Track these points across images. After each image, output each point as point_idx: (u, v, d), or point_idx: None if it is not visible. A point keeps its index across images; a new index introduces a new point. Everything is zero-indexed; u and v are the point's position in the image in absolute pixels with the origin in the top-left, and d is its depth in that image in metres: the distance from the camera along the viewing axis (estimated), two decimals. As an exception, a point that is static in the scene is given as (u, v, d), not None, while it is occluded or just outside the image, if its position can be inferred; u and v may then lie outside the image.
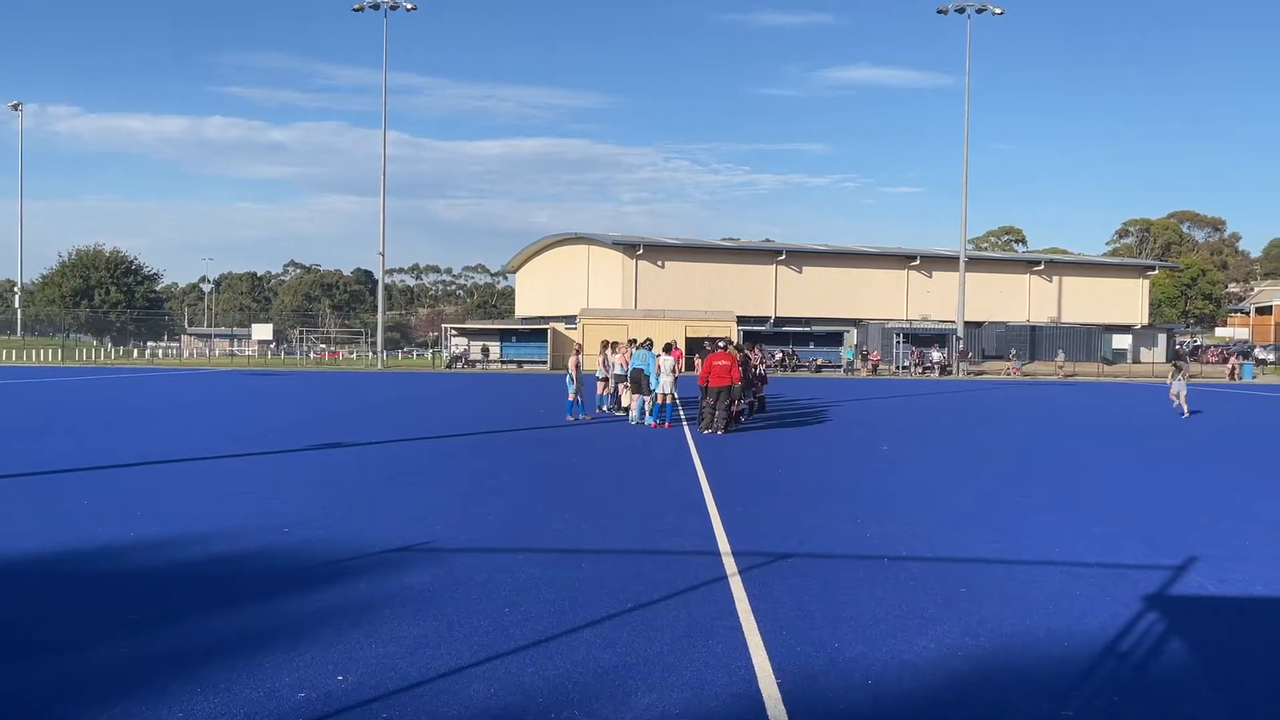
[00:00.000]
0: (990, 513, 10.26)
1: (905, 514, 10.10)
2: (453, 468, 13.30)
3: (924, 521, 9.69)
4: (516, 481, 12.11)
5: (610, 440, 17.18)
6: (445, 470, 13.04)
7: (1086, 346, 64.07)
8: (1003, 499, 11.23)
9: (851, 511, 10.17)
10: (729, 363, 18.57)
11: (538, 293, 75.87)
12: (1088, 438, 19.11)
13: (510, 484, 11.88)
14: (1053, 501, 11.13)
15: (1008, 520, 9.85)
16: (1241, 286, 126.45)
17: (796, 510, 10.22)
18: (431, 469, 13.16)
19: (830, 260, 67.34)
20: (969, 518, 9.94)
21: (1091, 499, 11.35)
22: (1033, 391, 38.74)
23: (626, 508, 10.25)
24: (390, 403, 27.00)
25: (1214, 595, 7.07)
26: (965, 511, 10.31)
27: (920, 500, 11.04)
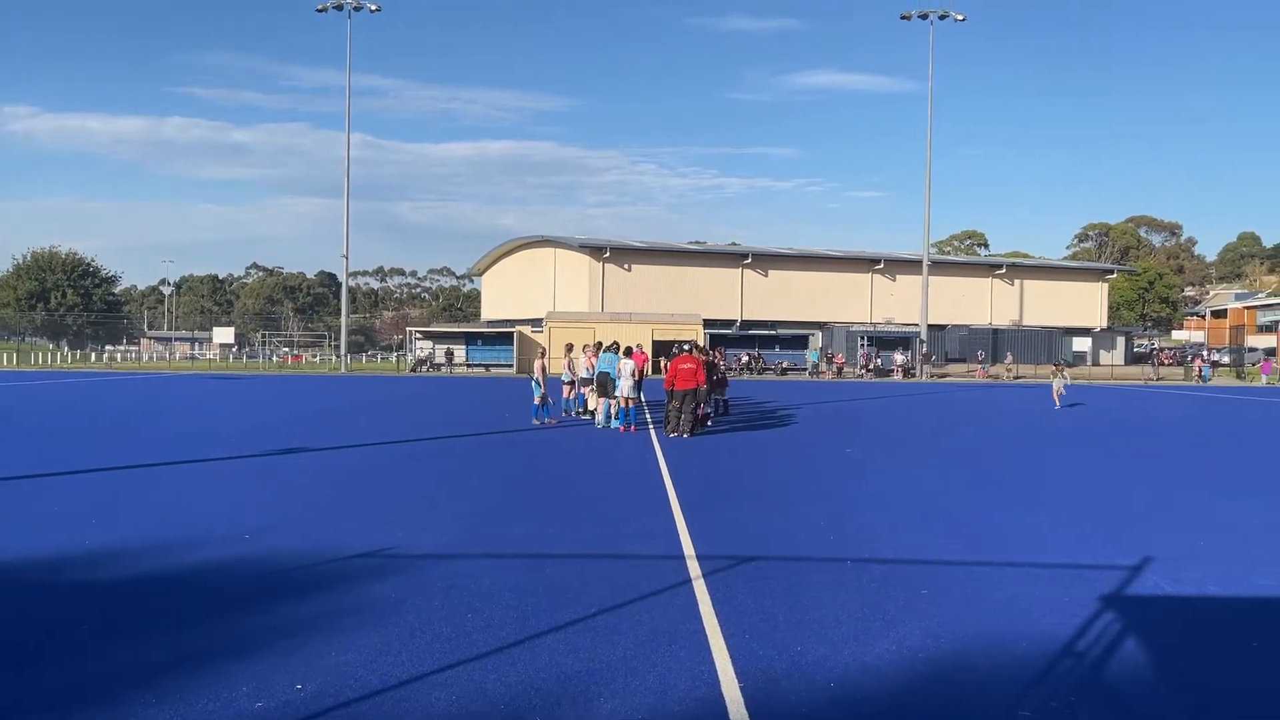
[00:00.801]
0: (952, 514, 10.35)
1: (868, 516, 10.17)
2: (416, 472, 13.20)
3: (887, 523, 9.76)
4: (480, 486, 12.04)
5: (576, 444, 17.14)
6: (408, 475, 12.94)
7: (1047, 349, 64.89)
8: (964, 500, 11.34)
9: (815, 514, 10.22)
10: (694, 366, 18.61)
11: (504, 296, 75.56)
12: (1046, 439, 19.35)
13: (474, 489, 11.81)
14: (1013, 502, 11.25)
15: (969, 521, 9.94)
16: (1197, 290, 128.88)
17: (761, 513, 10.25)
18: (394, 474, 13.05)
19: (796, 264, 67.69)
20: (931, 519, 10.02)
21: (1050, 500, 11.49)
22: (995, 394, 39.17)
23: (591, 512, 10.23)
24: (353, 407, 26.76)
25: (1169, 595, 7.18)
26: (927, 513, 10.39)
27: (883, 502, 11.12)
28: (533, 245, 71.54)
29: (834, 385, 46.01)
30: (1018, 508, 10.89)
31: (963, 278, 70.75)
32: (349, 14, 56.15)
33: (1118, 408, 30.68)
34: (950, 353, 63.67)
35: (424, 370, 56.28)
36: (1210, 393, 43.06)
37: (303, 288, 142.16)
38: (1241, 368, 64.93)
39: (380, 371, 59.82)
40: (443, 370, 56.49)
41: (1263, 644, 6.05)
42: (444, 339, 59.67)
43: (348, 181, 58.06)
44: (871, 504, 11.01)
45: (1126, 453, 17.03)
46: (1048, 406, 29.93)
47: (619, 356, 19.96)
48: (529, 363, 25.48)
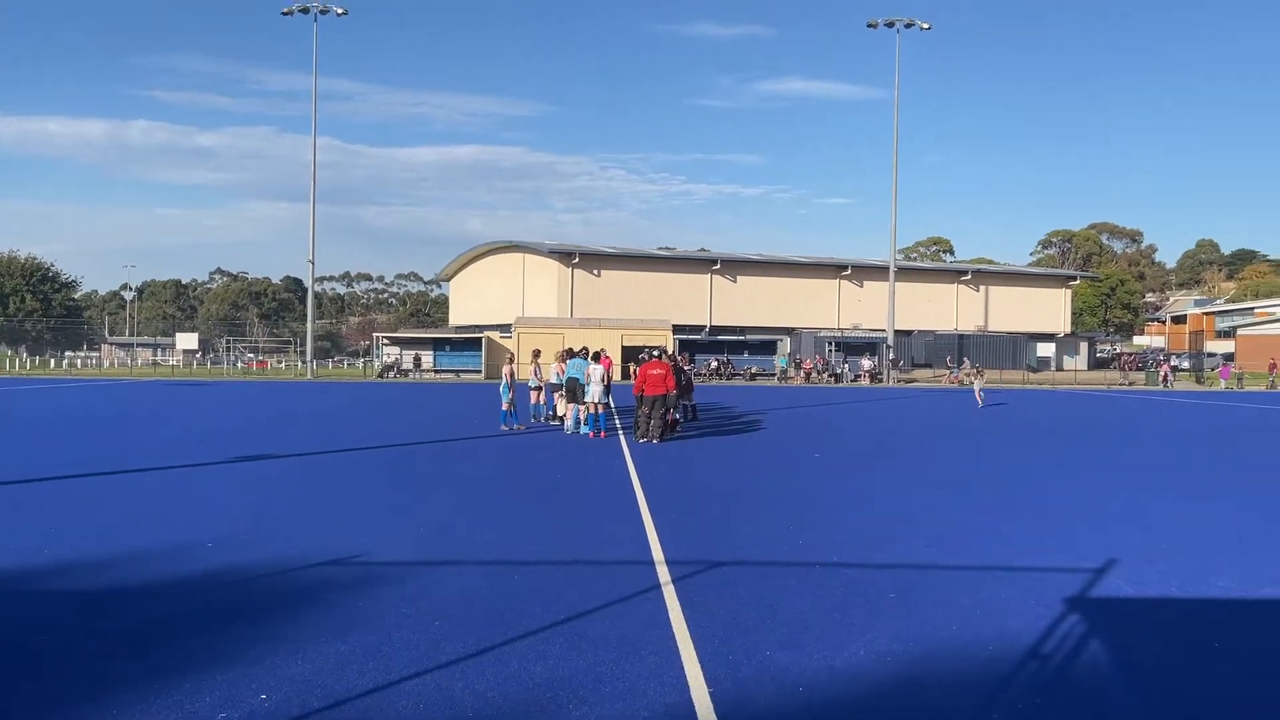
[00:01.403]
0: (919, 518, 10.42)
1: (837, 520, 10.21)
2: (383, 479, 13.09)
3: (855, 528, 9.81)
4: (448, 493, 11.97)
5: (545, 450, 17.09)
6: (375, 482, 12.84)
7: (1012, 354, 65.62)
8: (931, 504, 11.42)
9: (784, 519, 10.25)
10: (664, 371, 18.62)
11: (472, 301, 75.28)
12: (1011, 444, 19.56)
13: (442, 495, 11.74)
14: (978, 505, 11.35)
15: (935, 525, 10.01)
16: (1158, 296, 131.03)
17: (730, 518, 10.27)
18: (361, 481, 12.94)
19: (764, 270, 68.01)
20: (899, 523, 10.08)
21: (1015, 503, 11.61)
22: (962, 399, 39.55)
23: (560, 518, 10.19)
24: (319, 413, 26.52)
25: (1131, 597, 7.27)
26: (895, 517, 10.46)
27: (851, 506, 11.18)
28: (501, 250, 71.35)
29: (802, 390, 46.22)
30: (983, 511, 10.98)
31: (929, 284, 71.44)
32: (315, 17, 55.78)
33: (1084, 413, 31.07)
34: (917, 358, 64.23)
35: (391, 376, 55.89)
36: (1174, 397, 43.73)
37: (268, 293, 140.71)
38: (1201, 373, 66.02)
39: (347, 377, 59.37)
40: (410, 376, 56.14)
41: (1223, 644, 6.14)
42: (412, 344, 59.34)
43: (314, 186, 57.65)
44: (839, 508, 11.06)
45: (1090, 457, 17.23)
46: (1010, 412, 30.25)
47: (588, 362, 19.93)
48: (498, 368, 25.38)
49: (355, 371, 69.44)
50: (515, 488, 12.42)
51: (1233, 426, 25.55)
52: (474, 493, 11.97)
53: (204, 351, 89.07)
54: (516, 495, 11.78)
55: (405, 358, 57.69)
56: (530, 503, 11.21)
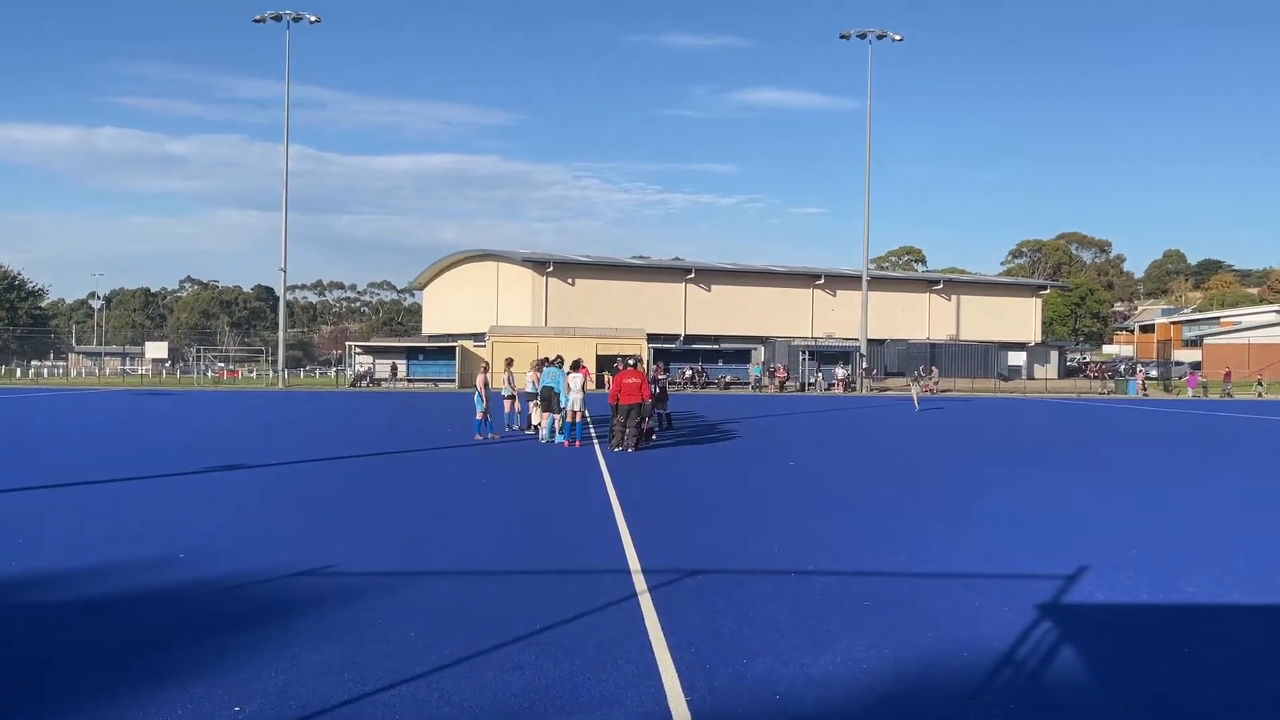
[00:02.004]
0: (893, 526, 10.50)
1: (812, 529, 10.27)
2: (356, 489, 13.02)
3: (830, 536, 9.86)
4: (423, 503, 11.92)
5: (519, 459, 17.06)
6: (348, 492, 12.77)
7: (984, 363, 66.24)
8: (905, 512, 11.50)
9: (760, 527, 10.29)
10: (639, 380, 18.65)
11: (446, 310, 75.01)
12: (983, 451, 19.73)
13: (416, 505, 11.69)
14: (951, 514, 11.44)
15: (910, 533, 10.09)
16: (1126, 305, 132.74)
17: (706, 526, 10.29)
18: (334, 491, 12.86)
19: (738, 279, 68.25)
20: (873, 532, 10.15)
21: (987, 511, 11.71)
22: (933, 408, 39.83)
23: (535, 527, 10.18)
24: (292, 422, 26.31)
25: (1102, 603, 7.36)
26: (870, 525, 10.53)
27: (826, 515, 11.24)
28: (475, 259, 71.19)
29: (776, 399, 46.40)
30: (956, 519, 11.07)
31: (901, 293, 71.96)
32: (288, 25, 55.49)
33: (1054, 421, 31.40)
34: (890, 367, 64.65)
35: (364, 385, 55.55)
36: (1145, 405, 44.27)
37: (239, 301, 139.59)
38: (1169, 381, 66.92)
39: (319, 387, 58.95)
40: (383, 385, 55.83)
41: (1193, 649, 6.23)
42: (385, 354, 59.00)
43: (285, 194, 57.31)
44: (814, 516, 11.12)
45: (1061, 465, 17.42)
46: (982, 419, 30.50)
47: (563, 371, 19.93)
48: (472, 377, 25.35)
49: (328, 381, 68.97)
50: (490, 497, 12.38)
51: (1201, 433, 25.91)
52: (449, 502, 11.93)
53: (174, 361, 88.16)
54: (492, 505, 11.75)
55: (378, 367, 57.36)
56: (506, 512, 11.19)
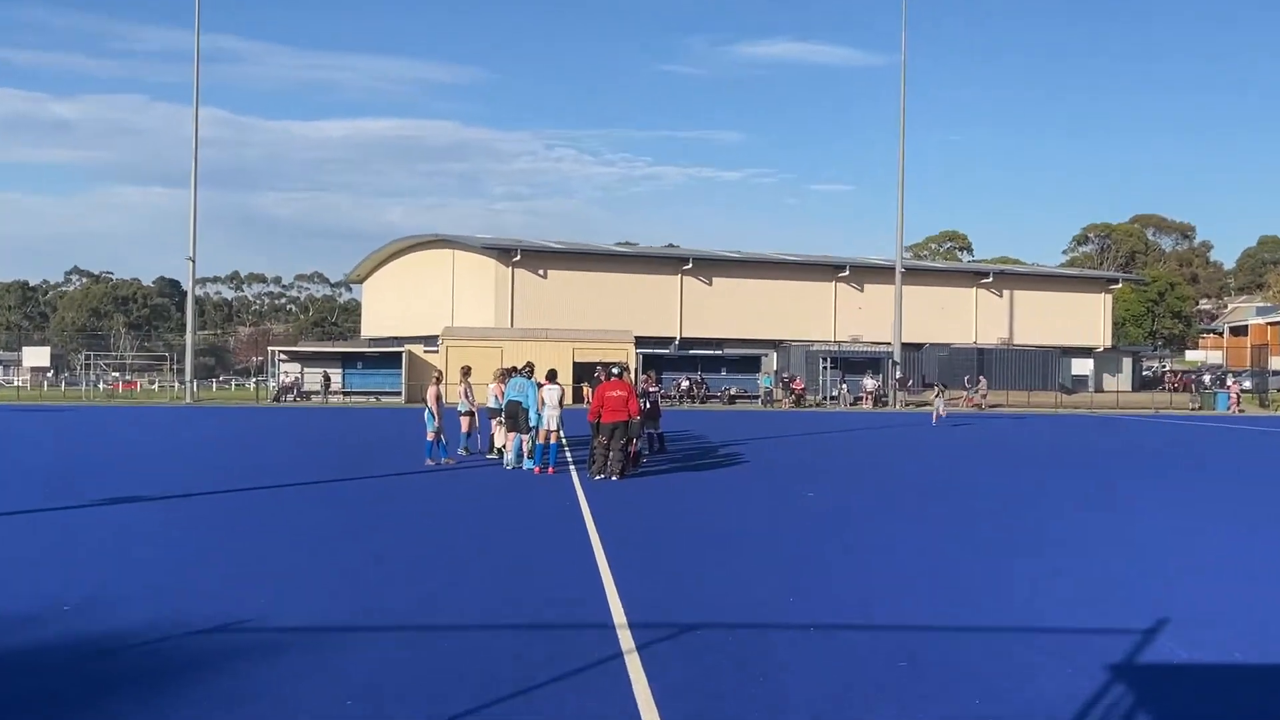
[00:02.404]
0: (933, 568, 10.52)
1: (835, 573, 10.28)
2: (281, 526, 12.99)
3: (857, 581, 9.88)
4: (362, 542, 11.89)
5: (480, 489, 17.04)
6: (272, 529, 12.73)
7: (1042, 372, 66.45)
8: (947, 552, 11.53)
9: (770, 571, 10.30)
10: (625, 393, 18.65)
11: (390, 308, 74.95)
12: (1040, 478, 19.80)
13: (354, 545, 11.67)
14: (1002, 554, 11.48)
15: (951, 576, 10.11)
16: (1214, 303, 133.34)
17: (705, 571, 10.30)
18: (254, 528, 12.82)
19: (745, 270, 68.41)
20: (909, 575, 10.17)
21: (1043, 551, 11.75)
22: (984, 426, 39.96)
23: (500, 572, 10.17)
24: (202, 445, 26.21)
25: (1186, 664, 7.39)
26: (904, 568, 10.55)
27: (852, 556, 11.26)
28: (426, 246, 71.17)
29: (792, 416, 46.48)
30: (1006, 561, 11.10)
31: (943, 287, 72.21)
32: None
33: (1126, 444, 31.53)
34: (928, 376, 64.88)
35: (290, 400, 55.42)
36: (1238, 424, 44.50)
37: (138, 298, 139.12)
38: (1266, 394, 67.04)
39: (236, 401, 58.75)
40: (314, 399, 55.72)
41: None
42: (315, 361, 58.87)
43: (195, 166, 57.13)
44: (837, 557, 11.14)
45: (1133, 497, 17.50)
46: (1042, 439, 30.60)
47: (533, 382, 19.90)
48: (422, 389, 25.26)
49: (246, 394, 68.77)
50: (445, 536, 12.37)
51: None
52: (395, 542, 11.90)
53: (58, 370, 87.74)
54: (447, 545, 11.73)
55: (308, 377, 57.24)
56: (463, 554, 11.17)
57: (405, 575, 10.00)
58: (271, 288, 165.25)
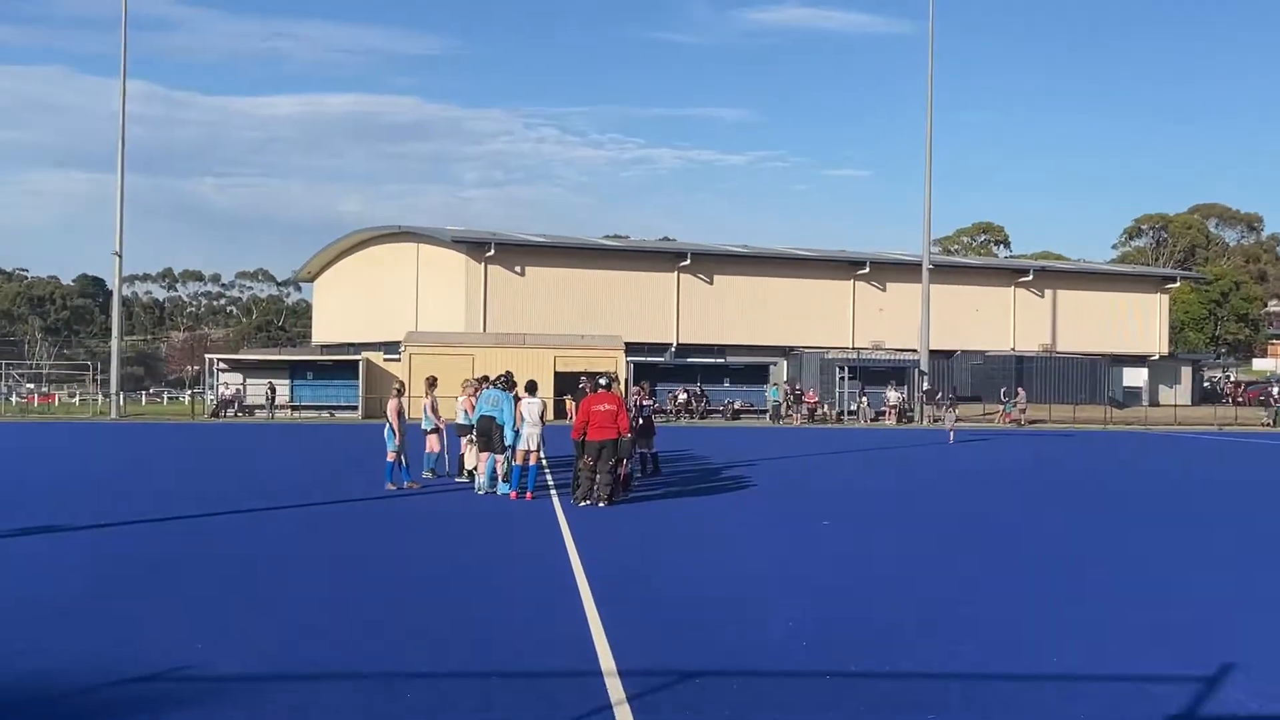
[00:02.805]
0: (964, 608, 10.53)
1: (852, 613, 10.27)
2: (220, 561, 12.95)
3: (878, 623, 9.87)
4: (313, 579, 11.87)
5: (448, 518, 17.03)
6: (209, 565, 12.69)
7: (1089, 384, 66.52)
8: (980, 589, 11.56)
9: (780, 611, 10.30)
10: (614, 407, 18.63)
11: (345, 310, 74.85)
12: (1081, 507, 19.84)
13: (306, 583, 11.64)
14: (1041, 591, 11.50)
15: (986, 617, 10.12)
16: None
17: (705, 611, 10.28)
18: (190, 563, 12.79)
19: (751, 267, 68.45)
20: (937, 616, 10.17)
21: (1088, 586, 11.79)
22: (1024, 444, 39.99)
23: (471, 613, 10.15)
24: (130, 467, 26.17)
25: (1257, 716, 7.41)
26: (932, 607, 10.55)
27: (873, 594, 11.26)
28: (387, 239, 71.12)
29: (804, 433, 46.48)
30: (1047, 598, 11.12)
31: (977, 286, 72.29)
32: (126, -87, 55.43)
33: (1185, 466, 31.58)
34: (960, 388, 64.96)
35: (231, 415, 55.32)
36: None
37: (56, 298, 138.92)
38: (1343, 409, 67.21)
39: (168, 417, 58.62)
40: (259, 415, 55.62)
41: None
42: (259, 370, 58.76)
43: (122, 148, 57.06)
44: (856, 595, 11.14)
45: (1195, 529, 17.55)
46: (1087, 463, 30.66)
47: (509, 394, 19.84)
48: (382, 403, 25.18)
49: (180, 409, 68.63)
50: (408, 572, 12.34)
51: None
52: (351, 579, 11.87)
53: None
54: (410, 582, 11.71)
55: (251, 389, 57.11)
56: (429, 592, 11.15)
57: (365, 616, 9.96)
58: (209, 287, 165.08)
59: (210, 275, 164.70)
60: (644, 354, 60.61)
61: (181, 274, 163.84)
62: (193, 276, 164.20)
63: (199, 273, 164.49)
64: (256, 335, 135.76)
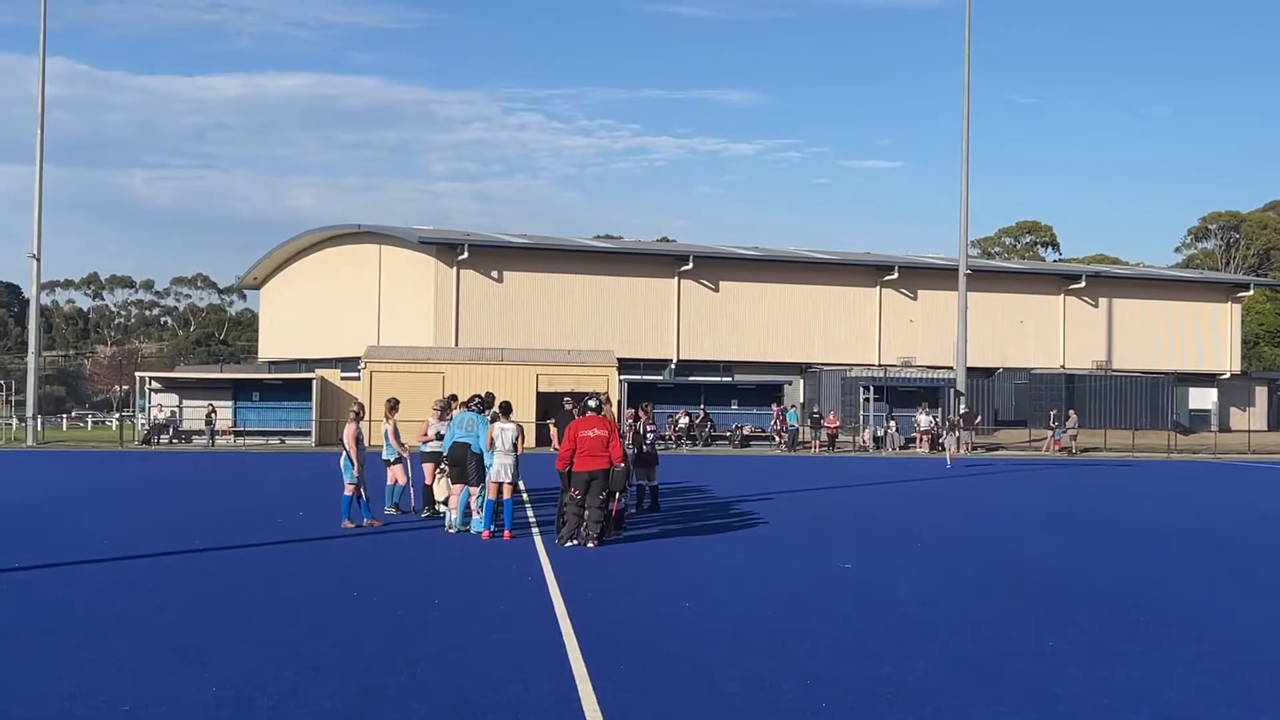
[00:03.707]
0: (1006, 664, 10.52)
1: (878, 669, 10.25)
2: (157, 609, 12.94)
3: (907, 680, 9.85)
4: (262, 630, 11.84)
5: (415, 560, 17.04)
6: (135, 615, 12.67)
7: (1150, 406, 66.47)
8: (1024, 642, 11.54)
9: (795, 666, 10.29)
10: (605, 432, 18.61)
11: (297, 321, 74.91)
12: (1143, 547, 19.85)
13: (252, 634, 11.61)
14: (1098, 644, 11.49)
15: (1031, 675, 10.09)
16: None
17: (709, 666, 10.27)
18: (121, 612, 12.79)
19: (762, 272, 68.55)
20: (974, 673, 10.16)
21: (1152, 636, 11.78)
22: (1075, 475, 39.99)
23: (440, 668, 10.13)
24: (49, 502, 26.15)
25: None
26: (968, 664, 10.53)
27: (901, 647, 11.23)
28: (344, 240, 71.23)
29: (823, 463, 46.47)
30: (1103, 650, 11.10)
31: (1020, 294, 72.41)
32: None
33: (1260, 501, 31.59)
34: (1001, 411, 64.93)
35: (165, 441, 55.29)
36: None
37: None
38: None
39: (93, 443, 58.58)
40: (197, 441, 55.59)
41: None
42: (197, 390, 58.74)
43: (41, 136, 57.17)
44: (882, 648, 11.12)
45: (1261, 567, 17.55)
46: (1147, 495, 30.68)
47: (485, 418, 19.83)
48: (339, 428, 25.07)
49: (107, 434, 68.56)
50: (369, 621, 12.31)
51: None
52: (304, 630, 11.84)
53: None
54: (371, 633, 11.68)
55: (188, 411, 57.09)
56: (393, 645, 11.13)
57: (319, 672, 9.93)
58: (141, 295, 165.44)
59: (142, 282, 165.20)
60: (640, 372, 60.70)
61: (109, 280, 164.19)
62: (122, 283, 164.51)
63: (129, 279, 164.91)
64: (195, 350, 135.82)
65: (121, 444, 56.63)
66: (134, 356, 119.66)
